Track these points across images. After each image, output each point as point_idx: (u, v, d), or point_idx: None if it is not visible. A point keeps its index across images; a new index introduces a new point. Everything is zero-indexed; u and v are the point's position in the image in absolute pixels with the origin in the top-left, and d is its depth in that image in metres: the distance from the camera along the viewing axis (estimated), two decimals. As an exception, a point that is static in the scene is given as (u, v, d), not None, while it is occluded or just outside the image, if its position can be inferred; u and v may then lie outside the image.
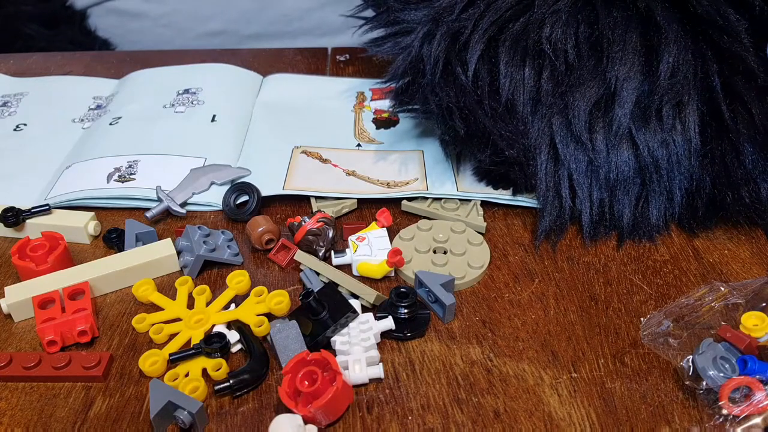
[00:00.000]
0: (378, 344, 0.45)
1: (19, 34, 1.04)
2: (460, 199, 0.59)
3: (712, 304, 0.46)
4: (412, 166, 0.63)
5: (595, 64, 0.52)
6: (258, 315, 0.46)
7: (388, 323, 0.45)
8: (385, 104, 0.75)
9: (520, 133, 0.53)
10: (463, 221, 0.56)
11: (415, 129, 0.70)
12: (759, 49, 0.49)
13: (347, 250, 0.52)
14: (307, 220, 0.54)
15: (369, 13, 0.69)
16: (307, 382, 0.40)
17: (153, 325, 0.46)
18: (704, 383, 0.41)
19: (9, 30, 1.03)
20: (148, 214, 0.57)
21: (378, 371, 0.42)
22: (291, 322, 0.44)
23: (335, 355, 0.42)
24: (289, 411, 0.39)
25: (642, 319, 0.47)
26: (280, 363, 0.43)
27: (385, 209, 0.56)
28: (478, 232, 0.55)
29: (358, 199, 0.59)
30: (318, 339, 0.43)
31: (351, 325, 0.45)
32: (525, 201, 0.58)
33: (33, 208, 0.56)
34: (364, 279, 0.51)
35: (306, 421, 0.39)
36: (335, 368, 0.40)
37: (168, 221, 0.58)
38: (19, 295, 0.48)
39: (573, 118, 0.52)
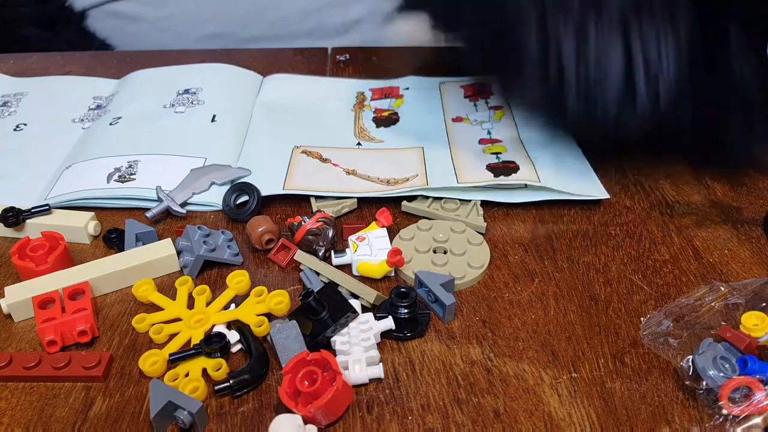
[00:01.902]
0: (378, 344, 0.45)
1: (15, 36, 1.04)
2: (460, 200, 0.59)
3: (712, 304, 0.46)
4: (412, 163, 0.63)
5: None
6: (258, 315, 0.46)
7: (388, 323, 0.45)
8: (385, 103, 0.75)
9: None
10: (463, 221, 0.56)
11: (416, 127, 0.70)
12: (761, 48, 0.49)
13: (347, 250, 0.52)
14: (307, 220, 0.54)
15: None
16: (307, 382, 0.40)
17: (153, 325, 0.46)
18: (704, 383, 0.41)
19: (5, 32, 1.03)
20: (148, 214, 0.57)
21: (378, 371, 0.42)
22: (291, 322, 0.44)
23: (335, 355, 0.42)
24: (289, 411, 0.39)
25: (642, 319, 0.47)
26: (280, 363, 0.43)
27: (385, 209, 0.56)
28: (478, 232, 0.55)
29: (358, 198, 0.59)
30: (318, 339, 0.43)
31: (351, 325, 0.45)
32: (525, 199, 0.58)
33: (33, 208, 0.56)
34: (364, 279, 0.51)
35: (306, 421, 0.39)
36: (335, 368, 0.40)
37: (168, 221, 0.58)
38: (19, 295, 0.48)
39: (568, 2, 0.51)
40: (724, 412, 0.39)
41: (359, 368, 0.42)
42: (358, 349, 0.43)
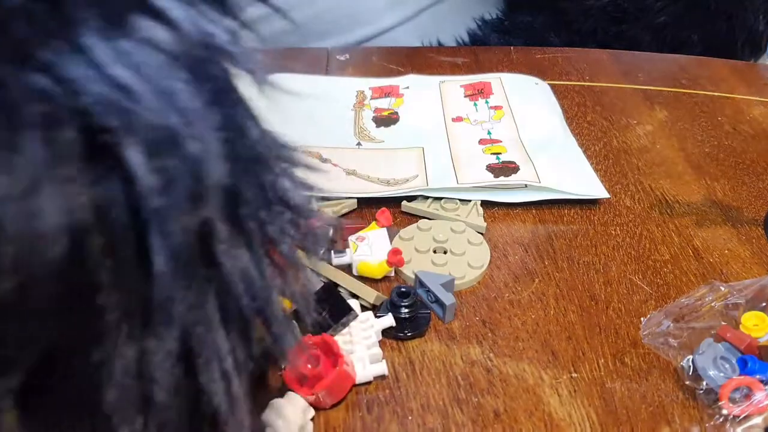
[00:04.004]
0: (378, 343, 0.45)
1: None
2: (460, 200, 0.59)
3: (713, 304, 0.46)
4: (412, 163, 0.63)
5: None
6: (258, 315, 0.46)
7: (389, 320, 0.45)
8: (384, 102, 0.75)
9: None
10: (463, 221, 0.56)
11: (415, 126, 0.70)
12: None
13: (347, 250, 0.52)
14: (307, 219, 0.54)
15: None
16: (309, 366, 0.40)
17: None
18: (704, 383, 0.41)
19: None
20: (148, 214, 0.57)
21: (382, 368, 0.42)
22: (291, 322, 0.44)
23: (335, 355, 0.43)
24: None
25: (642, 319, 0.47)
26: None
27: (385, 209, 0.56)
28: (478, 232, 0.55)
29: (358, 198, 0.59)
30: (318, 339, 0.44)
31: (351, 324, 0.45)
32: (525, 199, 0.58)
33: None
34: (364, 279, 0.51)
35: (311, 404, 0.40)
36: (336, 351, 0.40)
37: (168, 221, 0.58)
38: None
39: None
40: (724, 412, 0.39)
41: (362, 366, 0.42)
42: (361, 347, 0.43)
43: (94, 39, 0.17)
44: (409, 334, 0.45)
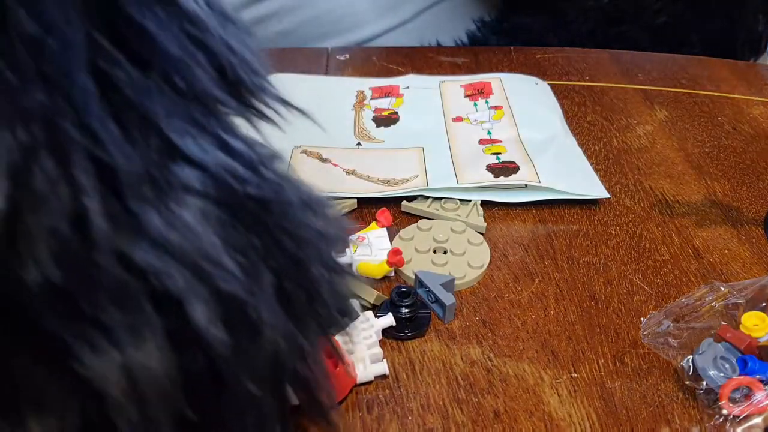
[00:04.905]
0: (378, 343, 0.45)
1: None
2: (460, 200, 0.59)
3: (713, 304, 0.46)
4: (412, 163, 0.63)
5: None
6: (258, 315, 0.46)
7: (389, 320, 0.45)
8: (385, 102, 0.75)
9: None
10: (463, 221, 0.56)
11: (415, 126, 0.70)
12: None
13: (347, 250, 0.52)
14: (307, 219, 0.54)
15: None
16: None
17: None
18: (704, 383, 0.41)
19: None
20: (148, 214, 0.57)
21: (382, 368, 0.42)
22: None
23: (335, 355, 0.43)
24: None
25: (642, 319, 0.47)
26: (280, 363, 0.43)
27: (384, 209, 0.56)
28: (478, 232, 0.55)
29: (358, 198, 0.59)
30: (318, 339, 0.43)
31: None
32: (525, 199, 0.58)
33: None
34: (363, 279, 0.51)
35: None
36: (338, 351, 0.41)
37: (168, 221, 0.58)
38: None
39: None
40: (724, 412, 0.39)
41: (363, 367, 0.42)
42: (361, 347, 0.43)
43: (148, 210, 0.19)
44: (410, 334, 0.45)
